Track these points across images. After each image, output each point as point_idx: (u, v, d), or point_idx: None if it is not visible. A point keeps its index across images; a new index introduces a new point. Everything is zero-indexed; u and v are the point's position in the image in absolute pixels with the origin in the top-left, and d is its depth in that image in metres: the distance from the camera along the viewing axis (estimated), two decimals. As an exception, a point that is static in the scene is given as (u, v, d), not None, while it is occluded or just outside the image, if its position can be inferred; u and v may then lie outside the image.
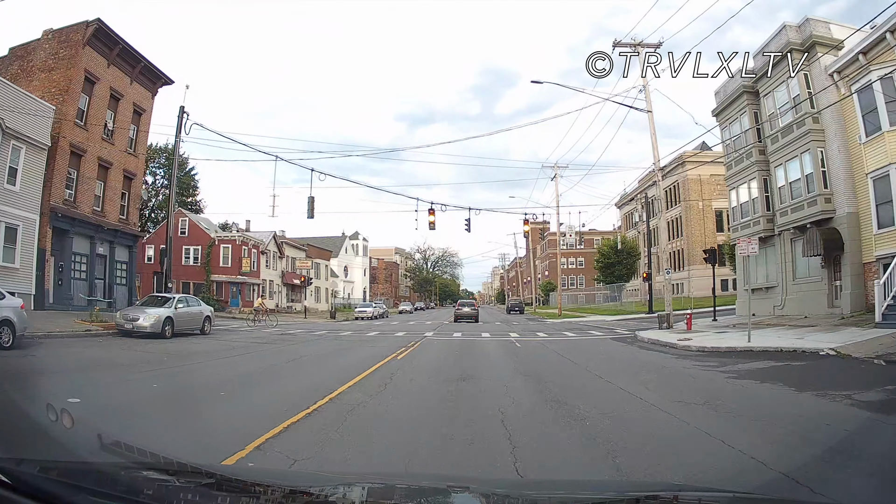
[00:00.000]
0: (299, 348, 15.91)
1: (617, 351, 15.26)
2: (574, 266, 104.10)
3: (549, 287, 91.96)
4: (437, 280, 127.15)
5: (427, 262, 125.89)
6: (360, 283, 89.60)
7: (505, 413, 6.51)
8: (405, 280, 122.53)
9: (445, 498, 2.44)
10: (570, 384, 9.08)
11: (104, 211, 28.23)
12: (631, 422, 6.08)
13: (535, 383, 9.07)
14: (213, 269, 44.65)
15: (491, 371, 10.72)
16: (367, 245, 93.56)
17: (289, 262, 51.71)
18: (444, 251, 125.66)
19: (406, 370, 10.68)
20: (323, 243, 77.04)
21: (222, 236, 45.07)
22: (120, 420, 6.01)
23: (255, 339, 18.63)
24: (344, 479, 3.22)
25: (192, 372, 10.77)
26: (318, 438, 5.31)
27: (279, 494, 2.15)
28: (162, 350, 14.13)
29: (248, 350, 15.00)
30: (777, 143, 24.16)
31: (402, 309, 66.49)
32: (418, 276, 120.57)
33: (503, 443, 5.15)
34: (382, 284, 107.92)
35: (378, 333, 22.87)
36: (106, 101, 28.05)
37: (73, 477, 1.81)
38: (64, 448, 2.75)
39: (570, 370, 11.13)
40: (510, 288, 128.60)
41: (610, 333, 22.49)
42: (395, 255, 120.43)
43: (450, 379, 9.41)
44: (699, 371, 10.67)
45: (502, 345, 17.14)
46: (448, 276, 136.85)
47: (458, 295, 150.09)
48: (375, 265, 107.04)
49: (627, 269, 53.03)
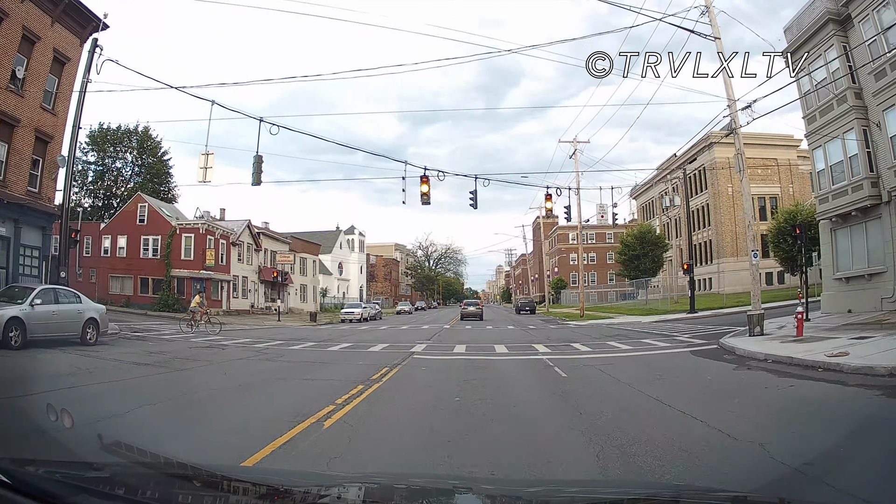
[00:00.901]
0: (163, 385, 9.33)
1: (751, 385, 8.62)
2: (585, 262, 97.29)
3: (560, 284, 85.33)
4: (439, 278, 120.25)
5: (429, 260, 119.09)
6: (356, 281, 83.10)
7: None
8: (406, 278, 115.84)
9: (449, 498, 2.40)
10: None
11: (6, 180, 21.75)
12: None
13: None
14: (174, 263, 38.19)
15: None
16: (363, 240, 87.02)
17: (268, 257, 45.22)
18: (448, 247, 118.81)
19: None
20: (315, 238, 70.62)
21: (184, 224, 38.57)
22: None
23: (141, 359, 12.03)
24: (345, 479, 3.14)
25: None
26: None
27: (279, 494, 2.10)
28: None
29: (80, 382, 8.45)
30: (884, 78, 17.65)
31: (399, 309, 59.71)
32: (420, 273, 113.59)
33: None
34: (381, 283, 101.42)
35: (348, 347, 16.25)
36: (16, 42, 21.61)
37: (73, 477, 1.81)
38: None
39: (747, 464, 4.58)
40: (517, 286, 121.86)
41: (672, 342, 15.99)
42: (396, 252, 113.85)
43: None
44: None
45: (535, 372, 10.46)
46: (451, 273, 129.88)
47: (461, 294, 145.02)
48: (374, 262, 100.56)
49: (653, 261, 46.33)
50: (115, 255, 41.11)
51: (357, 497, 2.27)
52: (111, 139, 53.35)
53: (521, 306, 52.97)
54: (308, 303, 53.27)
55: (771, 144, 58.53)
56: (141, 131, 53.76)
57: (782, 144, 59.23)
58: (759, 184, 59.58)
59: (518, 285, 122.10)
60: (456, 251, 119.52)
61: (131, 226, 40.53)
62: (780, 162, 60.70)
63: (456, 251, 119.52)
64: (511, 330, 24.98)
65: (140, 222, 40.32)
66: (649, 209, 72.80)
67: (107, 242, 41.69)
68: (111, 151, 54.11)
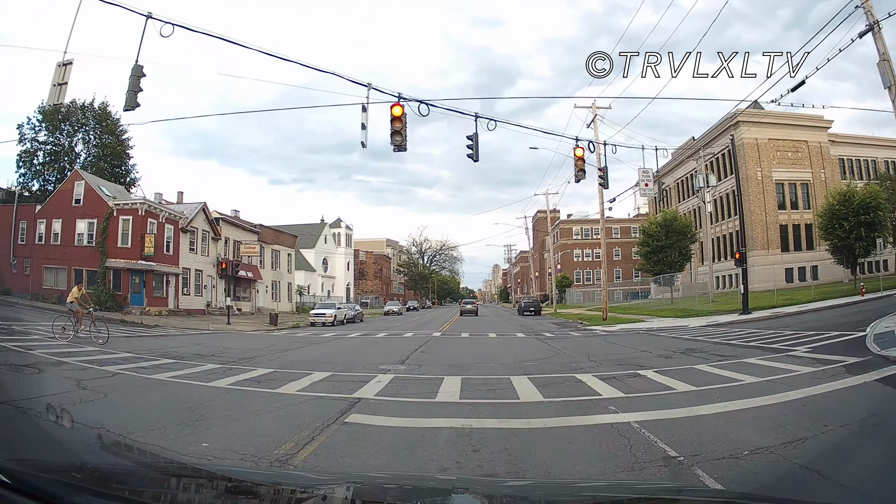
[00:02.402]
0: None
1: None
2: (590, 259, 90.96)
3: (565, 282, 78.78)
4: (434, 276, 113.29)
5: (423, 257, 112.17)
6: (343, 279, 76.28)
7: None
8: (398, 276, 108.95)
9: (445, 498, 2.36)
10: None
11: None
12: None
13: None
14: (110, 252, 31.43)
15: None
16: (350, 234, 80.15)
17: (231, 248, 38.44)
18: (443, 244, 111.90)
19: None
20: (298, 231, 63.81)
21: (121, 204, 31.78)
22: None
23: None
24: (344, 478, 3.11)
25: None
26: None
27: (279, 494, 2.08)
28: None
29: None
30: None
31: (387, 310, 52.63)
32: (413, 271, 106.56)
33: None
34: (371, 281, 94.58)
35: (242, 382, 9.22)
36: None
37: (73, 477, 1.80)
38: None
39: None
40: (516, 284, 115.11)
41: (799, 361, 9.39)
42: (387, 248, 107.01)
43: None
44: None
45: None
46: (447, 271, 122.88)
47: (458, 293, 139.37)
48: (363, 259, 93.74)
49: (681, 253, 39.82)
50: (49, 242, 34.31)
51: (360, 495, 2.21)
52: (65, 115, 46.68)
53: (525, 307, 46.16)
54: (282, 302, 46.49)
55: (799, 125, 52.22)
56: (98, 107, 47.11)
57: (811, 125, 53.04)
58: (789, 167, 53.32)
59: (517, 284, 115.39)
60: (451, 248, 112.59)
61: (67, 208, 33.72)
62: (811, 145, 54.33)
63: (451, 248, 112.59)
64: (523, 341, 18.32)
65: (76, 203, 33.49)
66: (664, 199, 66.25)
67: (42, 227, 34.93)
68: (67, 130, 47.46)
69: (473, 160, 13.21)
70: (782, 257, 50.67)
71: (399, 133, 11.98)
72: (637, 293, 77.09)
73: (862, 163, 56.53)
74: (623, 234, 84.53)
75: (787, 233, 51.95)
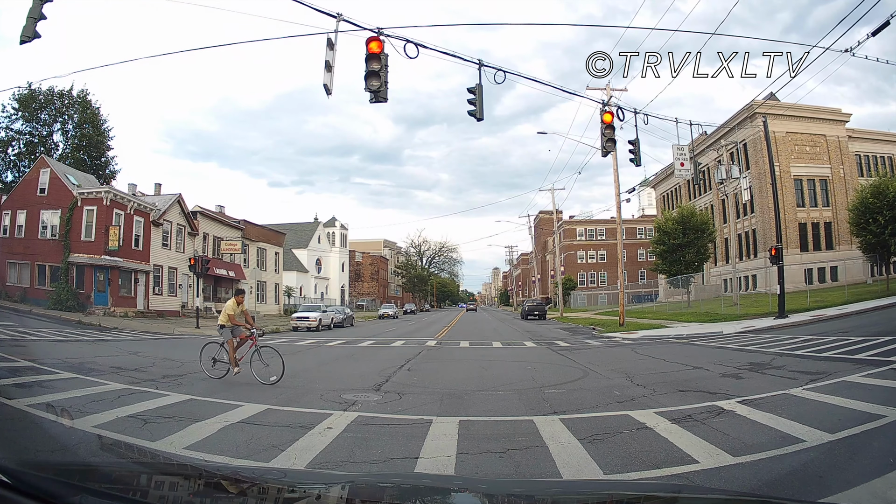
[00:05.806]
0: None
1: None
2: (594, 260, 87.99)
3: (569, 285, 75.70)
4: (433, 278, 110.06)
5: (421, 258, 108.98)
6: (338, 280, 73.23)
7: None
8: (396, 278, 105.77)
9: (444, 498, 2.30)
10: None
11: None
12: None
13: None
14: (73, 246, 28.43)
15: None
16: (345, 234, 77.07)
17: (210, 245, 35.40)
18: (442, 245, 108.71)
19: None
20: (290, 229, 60.82)
21: (85, 193, 28.76)
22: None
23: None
24: (343, 478, 3.07)
25: None
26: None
27: (278, 493, 2.07)
28: None
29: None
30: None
31: (382, 313, 49.19)
32: (411, 273, 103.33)
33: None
34: (368, 283, 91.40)
35: (130, 417, 6.23)
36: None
37: (73, 477, 1.79)
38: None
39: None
40: (518, 287, 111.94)
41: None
42: (385, 250, 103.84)
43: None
44: None
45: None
46: (446, 274, 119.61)
47: (457, 296, 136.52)
48: (360, 260, 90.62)
49: (698, 252, 36.75)
50: (13, 235, 31.34)
51: (360, 495, 2.18)
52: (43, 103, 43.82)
53: (529, 311, 42.95)
54: (268, 304, 43.43)
55: (817, 118, 49.51)
56: (77, 94, 44.27)
57: (830, 118, 50.34)
58: (808, 163, 50.45)
59: (519, 286, 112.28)
60: (451, 249, 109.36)
61: (32, 198, 30.75)
62: (829, 139, 51.48)
63: (451, 249, 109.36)
64: (535, 352, 15.22)
65: (41, 193, 30.51)
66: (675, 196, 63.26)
67: (7, 219, 31.93)
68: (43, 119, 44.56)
69: (476, 118, 10.23)
70: (801, 257, 47.66)
71: (376, 75, 8.99)
72: (643, 296, 74.17)
73: (880, 159, 53.63)
74: (628, 236, 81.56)
75: (805, 231, 49.09)
